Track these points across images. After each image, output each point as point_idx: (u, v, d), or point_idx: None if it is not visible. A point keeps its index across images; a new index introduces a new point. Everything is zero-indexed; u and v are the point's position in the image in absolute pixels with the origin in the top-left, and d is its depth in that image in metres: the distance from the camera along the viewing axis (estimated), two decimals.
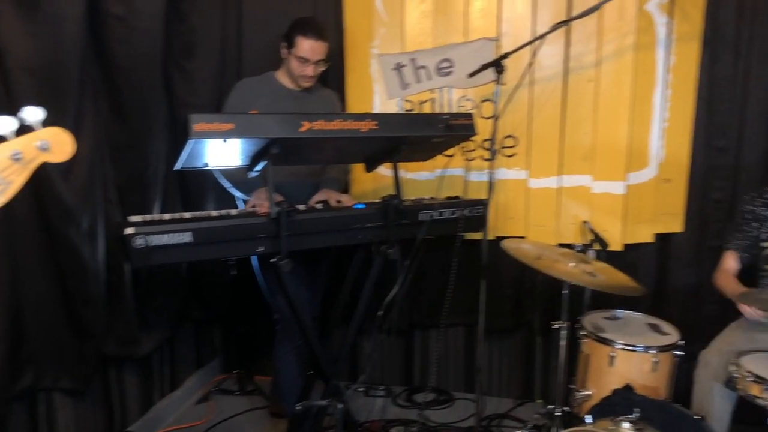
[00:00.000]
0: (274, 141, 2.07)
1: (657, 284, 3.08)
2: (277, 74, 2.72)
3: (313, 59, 2.57)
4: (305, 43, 2.55)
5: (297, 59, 2.57)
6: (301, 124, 2.10)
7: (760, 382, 2.08)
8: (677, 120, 2.90)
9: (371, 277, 2.45)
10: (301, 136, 2.10)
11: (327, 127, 2.13)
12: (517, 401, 3.36)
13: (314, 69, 2.61)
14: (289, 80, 2.69)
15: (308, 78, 2.63)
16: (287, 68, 2.65)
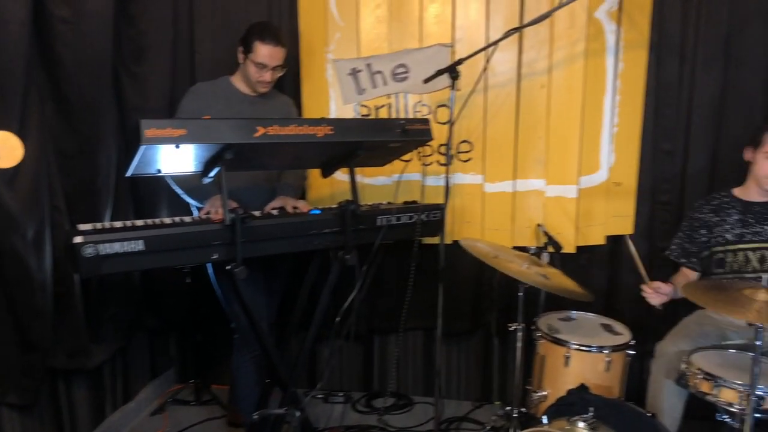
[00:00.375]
0: (228, 146, 2.04)
1: (609, 285, 3.15)
2: (233, 79, 2.68)
3: (271, 65, 2.55)
4: (263, 48, 2.52)
5: (255, 65, 2.54)
6: (255, 129, 2.08)
7: (710, 379, 2.14)
8: (626, 125, 2.98)
9: (329, 283, 2.44)
10: (255, 141, 2.08)
11: (282, 132, 2.11)
12: (476, 403, 3.39)
13: (272, 75, 2.58)
14: (245, 85, 2.66)
15: (266, 84, 2.60)
16: (244, 73, 2.62)
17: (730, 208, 2.61)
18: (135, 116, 2.88)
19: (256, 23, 2.64)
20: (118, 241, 1.95)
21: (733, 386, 2.09)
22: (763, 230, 2.52)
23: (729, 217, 2.60)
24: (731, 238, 2.57)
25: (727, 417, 2.18)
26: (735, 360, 2.31)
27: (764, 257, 2.52)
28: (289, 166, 2.71)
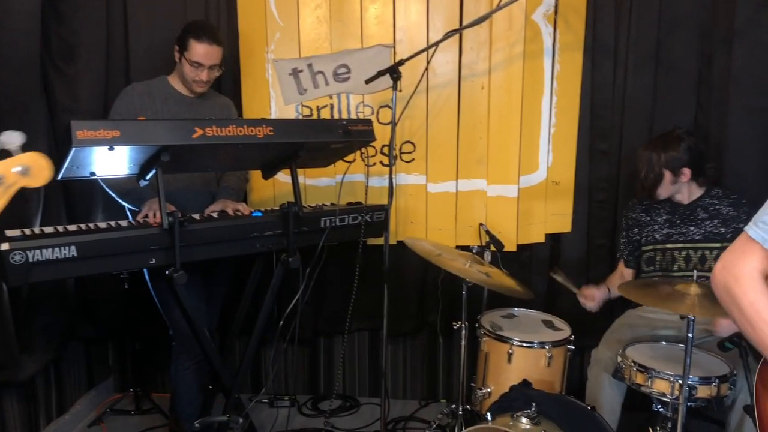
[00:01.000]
0: (165, 148, 1.99)
1: (549, 282, 3.21)
2: (170, 78, 2.60)
3: (207, 64, 2.48)
4: (199, 47, 2.45)
5: (190, 64, 2.47)
6: (193, 130, 2.03)
7: (643, 371, 2.22)
8: (563, 125, 3.05)
9: (272, 287, 2.41)
10: (193, 143, 2.03)
11: (221, 134, 2.07)
12: (422, 402, 3.41)
13: (208, 74, 2.52)
14: (183, 85, 2.59)
15: (202, 83, 2.53)
16: (180, 73, 2.55)
17: (659, 209, 2.71)
18: (66, 118, 2.77)
19: (193, 22, 2.58)
20: (48, 248, 1.88)
21: (666, 377, 2.17)
22: (688, 231, 2.63)
23: (659, 217, 2.70)
24: (660, 237, 2.67)
25: (661, 407, 2.27)
26: (667, 352, 2.40)
27: (689, 257, 2.62)
28: (229, 168, 2.66)
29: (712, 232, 2.58)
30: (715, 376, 2.16)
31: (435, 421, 2.88)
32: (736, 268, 1.26)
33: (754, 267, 1.23)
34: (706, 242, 2.59)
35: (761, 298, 1.21)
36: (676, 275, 2.63)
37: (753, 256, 1.24)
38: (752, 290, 1.22)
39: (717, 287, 1.30)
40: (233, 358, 3.20)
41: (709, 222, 2.60)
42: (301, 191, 2.99)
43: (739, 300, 1.23)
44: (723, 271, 1.29)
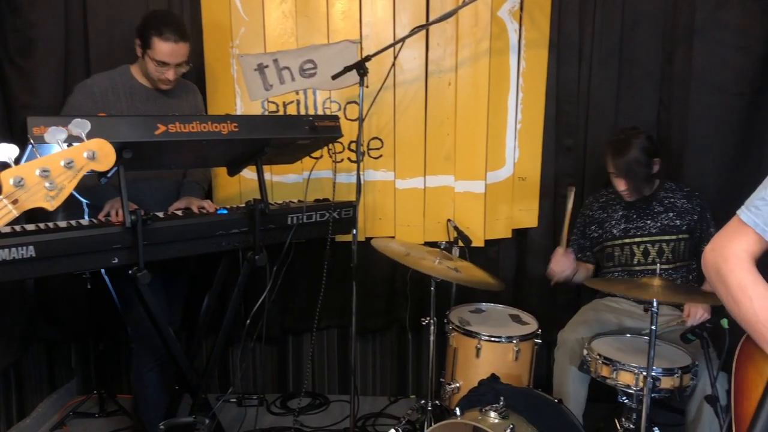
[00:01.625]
0: (126, 145, 1.94)
1: (516, 277, 3.25)
2: (133, 70, 2.47)
3: (173, 62, 2.35)
4: (164, 45, 2.29)
5: (155, 62, 2.33)
6: (156, 126, 2.00)
7: (609, 364, 2.26)
8: (529, 121, 3.08)
9: (238, 285, 2.38)
10: (155, 139, 1.99)
11: (184, 130, 2.04)
12: (392, 399, 3.42)
13: (175, 72, 2.38)
14: (147, 78, 2.46)
15: (168, 82, 2.40)
16: (143, 68, 2.41)
17: (615, 204, 2.76)
18: (23, 113, 2.68)
19: (154, 13, 2.44)
20: (5, 248, 1.82)
21: (630, 369, 2.20)
22: (645, 225, 2.68)
23: (615, 213, 2.75)
24: (617, 233, 2.72)
25: (626, 399, 2.31)
26: (631, 344, 2.45)
27: (647, 250, 2.67)
28: (194, 165, 2.62)
29: (668, 224, 2.64)
30: (678, 367, 2.20)
31: (404, 417, 2.89)
32: (725, 249, 1.30)
33: (743, 249, 1.27)
34: (662, 235, 2.65)
35: (748, 276, 1.25)
36: (636, 269, 2.68)
37: (743, 238, 1.28)
38: (740, 269, 1.26)
39: (707, 267, 1.35)
40: (200, 357, 3.15)
41: (664, 215, 2.65)
42: (268, 188, 2.96)
43: (727, 279, 1.27)
44: (713, 252, 1.33)
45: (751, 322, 1.21)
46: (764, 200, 1.24)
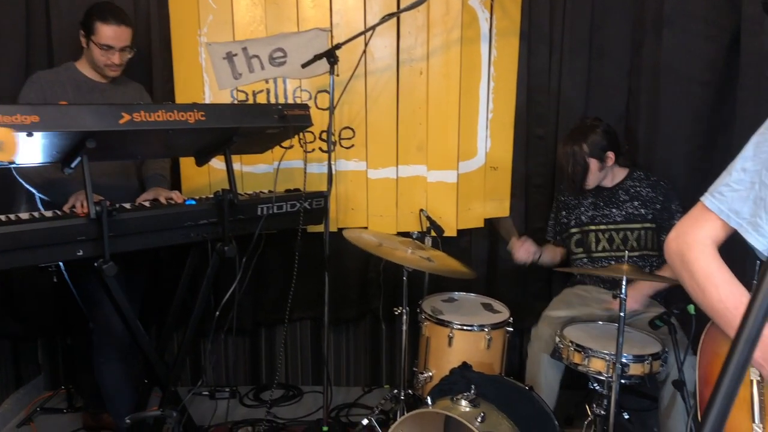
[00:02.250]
0: (90, 134, 1.90)
1: (488, 266, 3.26)
2: (78, 65, 2.49)
3: (117, 46, 2.39)
4: (107, 29, 2.36)
5: (99, 47, 2.37)
6: (120, 115, 1.95)
7: (580, 351, 2.28)
8: (501, 111, 3.08)
9: (208, 277, 2.35)
10: (120, 128, 1.94)
11: (150, 119, 1.99)
12: (366, 389, 3.42)
13: (120, 57, 2.43)
14: (93, 71, 2.48)
15: (115, 67, 2.43)
16: (90, 58, 2.44)
17: (586, 191, 2.78)
18: None
19: (96, 3, 2.46)
20: None
21: (602, 356, 2.22)
22: (611, 213, 2.71)
23: (585, 200, 2.78)
24: (585, 219, 2.75)
25: (597, 385, 2.33)
26: (603, 331, 2.47)
27: (612, 238, 2.70)
28: (161, 155, 2.57)
29: (633, 213, 2.67)
30: (648, 354, 2.23)
31: (377, 407, 2.88)
32: (689, 235, 1.29)
33: (707, 235, 1.27)
34: (627, 223, 2.68)
35: (713, 263, 1.24)
36: (602, 255, 2.71)
37: (707, 224, 1.27)
38: (704, 256, 1.25)
39: (670, 254, 1.33)
40: (171, 350, 3.11)
41: (630, 204, 2.68)
42: (238, 178, 2.94)
43: (692, 265, 1.26)
44: (677, 238, 1.32)
45: (716, 309, 1.21)
46: (729, 186, 1.24)
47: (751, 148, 1.23)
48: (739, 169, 1.23)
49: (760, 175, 1.19)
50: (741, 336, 0.47)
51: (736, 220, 1.22)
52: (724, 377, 0.47)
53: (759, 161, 1.20)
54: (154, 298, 3.10)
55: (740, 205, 1.22)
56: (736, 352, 0.47)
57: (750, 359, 0.47)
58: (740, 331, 0.47)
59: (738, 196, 1.22)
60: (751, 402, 1.19)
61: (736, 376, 0.47)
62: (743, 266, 1.43)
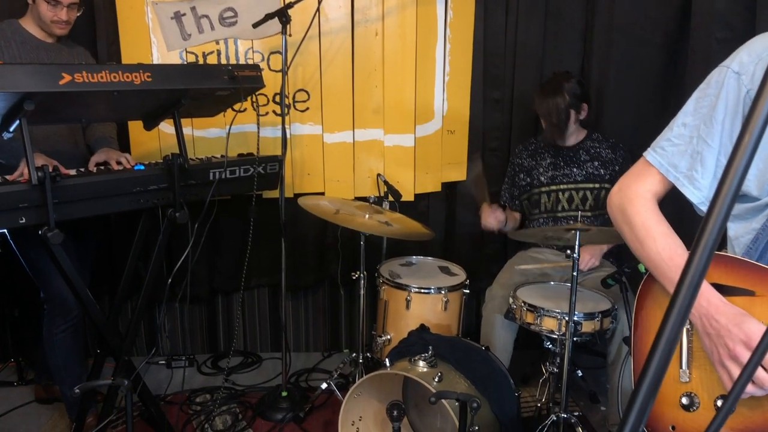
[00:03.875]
0: (28, 96, 1.80)
1: (446, 230, 3.28)
2: (23, 22, 2.36)
3: (65, 1, 2.28)
4: None
5: (47, 3, 2.26)
6: (60, 76, 1.85)
7: (533, 311, 2.31)
8: (457, 74, 3.06)
9: (159, 244, 2.29)
10: (60, 89, 1.85)
11: (92, 80, 1.90)
12: (326, 354, 3.43)
13: (67, 13, 2.31)
14: (39, 29, 2.36)
15: (62, 24, 2.32)
16: (36, 15, 2.32)
17: (544, 152, 2.81)
18: None
19: None
20: None
21: (553, 315, 2.27)
22: (571, 172, 2.74)
23: (543, 161, 2.80)
24: (545, 180, 2.77)
25: (550, 344, 2.38)
26: (555, 291, 2.52)
27: (572, 197, 2.74)
28: (107, 118, 2.48)
29: (593, 173, 2.71)
30: (598, 311, 2.28)
31: (336, 371, 2.89)
32: (631, 189, 1.30)
33: (648, 189, 1.28)
34: (587, 183, 2.71)
35: (652, 217, 1.26)
36: (560, 215, 2.75)
37: (648, 179, 1.29)
38: (644, 209, 1.27)
39: (612, 208, 1.35)
40: (126, 320, 3.05)
41: (590, 163, 2.72)
42: (189, 143, 2.86)
43: (632, 219, 1.27)
44: (619, 192, 1.33)
45: (654, 261, 1.24)
46: (669, 141, 1.26)
47: (692, 104, 1.24)
48: (680, 124, 1.25)
49: (698, 130, 1.21)
50: (683, 285, 0.47)
51: (674, 174, 1.24)
52: (665, 328, 0.47)
53: (698, 116, 1.22)
54: (106, 267, 3.03)
55: (678, 159, 1.24)
56: (678, 300, 0.47)
57: (691, 307, 0.47)
58: (681, 280, 0.47)
59: (677, 150, 1.24)
60: (680, 349, 1.25)
61: (677, 325, 0.47)
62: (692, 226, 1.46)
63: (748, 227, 1.23)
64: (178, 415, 2.71)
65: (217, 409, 2.80)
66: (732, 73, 1.15)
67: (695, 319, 1.17)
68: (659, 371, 0.45)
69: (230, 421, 2.72)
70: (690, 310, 0.47)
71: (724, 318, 1.11)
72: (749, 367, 0.49)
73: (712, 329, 1.13)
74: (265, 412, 2.76)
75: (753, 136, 0.44)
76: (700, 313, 1.15)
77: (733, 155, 0.45)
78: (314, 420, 2.74)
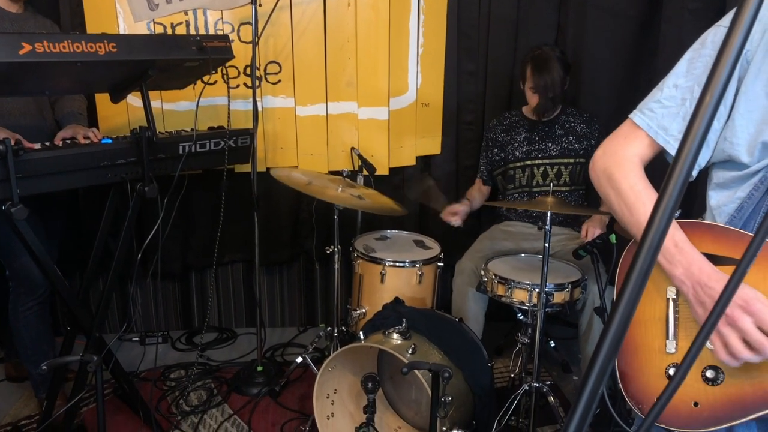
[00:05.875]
0: None
1: (420, 204, 3.27)
2: None
3: None
4: None
5: None
6: (20, 45, 1.78)
7: (504, 283, 2.33)
8: (431, 46, 3.03)
9: (128, 218, 2.24)
10: (21, 60, 1.78)
11: (54, 50, 1.83)
12: (301, 329, 3.43)
13: None
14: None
15: None
16: None
17: (519, 127, 2.80)
18: None
19: None
20: None
21: (524, 286, 2.28)
22: (546, 147, 2.74)
23: (518, 135, 2.79)
24: (519, 155, 2.77)
25: (522, 316, 2.41)
26: (526, 263, 2.54)
27: (547, 172, 2.75)
28: (72, 91, 2.41)
29: (568, 148, 2.71)
30: (569, 282, 2.30)
31: (312, 345, 2.89)
32: (618, 153, 1.25)
33: (635, 153, 1.23)
34: (561, 157, 2.72)
35: (640, 182, 1.21)
36: (535, 190, 2.76)
37: (636, 142, 1.23)
38: (633, 174, 1.21)
39: (596, 172, 1.28)
40: (97, 297, 3.01)
41: (565, 138, 2.72)
42: (159, 116, 2.81)
43: (619, 184, 1.22)
44: (604, 156, 1.27)
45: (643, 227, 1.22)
46: (660, 103, 1.21)
47: (684, 65, 1.20)
48: (670, 85, 1.21)
49: (691, 92, 1.17)
50: (648, 231, 0.47)
51: (664, 137, 1.20)
52: (630, 278, 0.47)
53: (692, 77, 1.17)
54: (76, 243, 2.98)
55: (669, 121, 1.19)
56: (642, 251, 0.47)
57: (653, 264, 0.47)
58: (646, 232, 0.47)
59: (668, 112, 1.20)
60: (666, 320, 1.21)
61: (641, 276, 0.47)
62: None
63: (732, 196, 1.20)
64: (152, 392, 2.70)
65: (191, 384, 2.79)
66: None
67: (686, 289, 1.13)
68: (623, 322, 0.45)
69: (205, 397, 2.72)
70: (655, 261, 0.47)
71: (719, 285, 1.07)
72: (714, 313, 0.49)
73: (706, 296, 1.09)
74: (241, 387, 2.76)
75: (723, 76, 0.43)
76: (693, 282, 1.11)
77: (703, 95, 0.43)
78: (290, 394, 2.74)
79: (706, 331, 0.49)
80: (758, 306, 1.02)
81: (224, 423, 2.53)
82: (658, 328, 1.21)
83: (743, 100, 1.13)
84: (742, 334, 1.03)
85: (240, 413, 2.60)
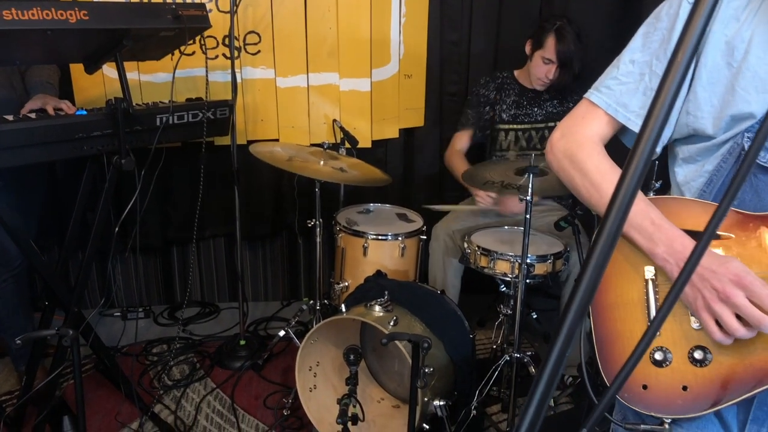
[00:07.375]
0: None
1: (404, 177, 3.25)
2: None
3: None
4: None
5: None
6: None
7: (487, 255, 2.33)
8: (414, 15, 2.98)
9: (105, 192, 2.20)
10: None
11: (23, 17, 1.78)
12: (284, 303, 3.42)
13: None
14: None
15: None
16: None
17: (509, 89, 2.77)
18: None
19: None
20: None
21: (506, 258, 2.29)
22: (532, 112, 2.73)
23: (508, 97, 2.77)
24: (506, 117, 2.76)
25: (504, 287, 2.41)
26: (509, 236, 2.54)
27: (531, 137, 2.74)
28: (43, 60, 2.34)
29: (552, 111, 2.71)
30: (551, 253, 2.30)
31: (294, 319, 2.89)
32: (578, 134, 1.21)
33: (596, 132, 1.20)
34: (546, 122, 2.72)
35: (605, 161, 1.17)
36: (519, 155, 2.75)
37: (595, 122, 1.20)
38: (597, 154, 1.18)
39: (556, 154, 1.23)
40: (77, 272, 2.98)
41: (549, 102, 2.71)
42: (136, 88, 2.76)
43: (584, 164, 1.18)
44: (563, 138, 1.23)
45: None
46: (617, 80, 1.18)
47: (639, 39, 1.16)
48: (627, 61, 1.17)
49: (650, 66, 1.14)
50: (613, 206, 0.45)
51: (624, 113, 1.17)
52: (596, 246, 0.45)
53: (648, 52, 1.15)
54: (55, 217, 2.94)
55: (629, 98, 1.16)
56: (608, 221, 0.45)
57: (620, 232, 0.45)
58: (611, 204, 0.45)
59: (626, 89, 1.17)
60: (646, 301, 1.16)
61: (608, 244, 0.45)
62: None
63: (699, 170, 1.17)
64: (134, 366, 2.69)
65: (174, 359, 2.79)
66: (686, 3, 1.08)
67: (671, 267, 1.08)
68: (590, 288, 0.44)
69: (188, 371, 2.71)
70: (620, 232, 0.46)
71: (706, 260, 1.02)
72: (680, 280, 0.49)
73: (693, 274, 1.04)
74: (223, 361, 2.76)
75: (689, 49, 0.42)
76: (677, 259, 1.07)
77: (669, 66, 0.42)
78: (272, 367, 2.75)
79: (677, 288, 0.48)
80: (749, 278, 0.98)
81: (207, 397, 2.53)
82: (639, 312, 1.18)
83: (704, 72, 1.10)
84: (736, 310, 0.99)
85: (223, 387, 2.60)
